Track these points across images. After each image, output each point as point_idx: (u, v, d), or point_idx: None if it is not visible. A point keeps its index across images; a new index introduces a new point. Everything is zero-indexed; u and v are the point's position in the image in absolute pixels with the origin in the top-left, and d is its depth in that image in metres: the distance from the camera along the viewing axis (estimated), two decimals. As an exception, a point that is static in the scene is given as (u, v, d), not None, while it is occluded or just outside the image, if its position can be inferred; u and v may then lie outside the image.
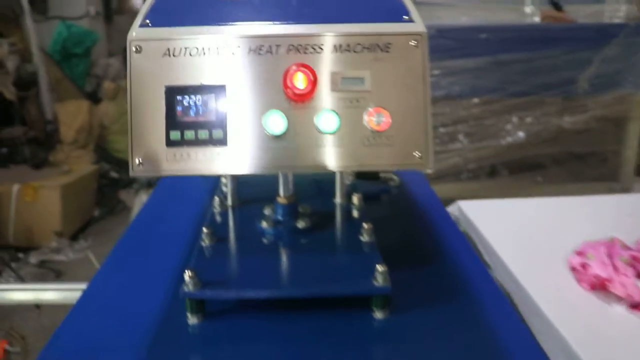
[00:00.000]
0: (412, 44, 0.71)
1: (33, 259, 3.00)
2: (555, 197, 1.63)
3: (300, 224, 0.89)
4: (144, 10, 0.76)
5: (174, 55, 0.70)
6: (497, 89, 2.50)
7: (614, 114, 2.59)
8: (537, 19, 2.51)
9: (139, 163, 0.70)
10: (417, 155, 0.71)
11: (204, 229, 0.85)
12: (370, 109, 0.70)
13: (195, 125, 0.70)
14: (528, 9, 2.49)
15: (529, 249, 1.32)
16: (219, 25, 0.71)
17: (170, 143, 0.70)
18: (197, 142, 0.70)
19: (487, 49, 2.41)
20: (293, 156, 0.70)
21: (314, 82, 0.68)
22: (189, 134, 0.70)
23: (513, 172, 2.75)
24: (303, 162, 0.70)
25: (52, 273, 2.91)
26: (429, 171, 0.71)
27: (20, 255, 3.05)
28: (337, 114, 0.70)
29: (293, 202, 0.91)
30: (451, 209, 1.59)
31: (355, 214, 0.96)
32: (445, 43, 2.42)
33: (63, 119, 3.84)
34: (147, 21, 0.73)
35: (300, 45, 0.70)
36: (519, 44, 2.41)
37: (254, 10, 0.76)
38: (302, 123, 0.70)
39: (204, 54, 0.70)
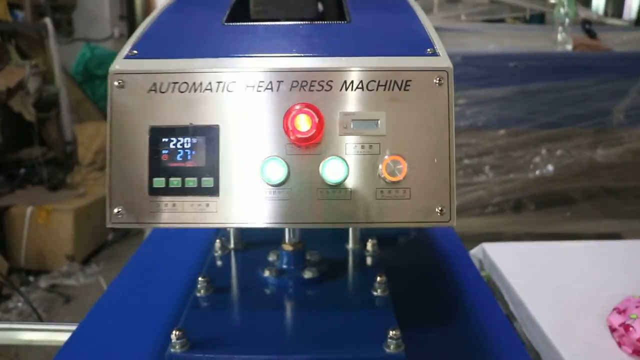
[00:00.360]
0: (436, 81, 0.61)
1: (43, 282, 2.94)
2: (591, 241, 1.50)
3: (307, 274, 0.81)
4: (133, 37, 0.68)
5: (161, 92, 0.61)
6: (525, 119, 2.39)
7: (650, 148, 2.47)
8: (569, 47, 2.40)
9: (118, 212, 0.61)
10: (438, 211, 0.61)
11: (200, 278, 0.78)
12: (385, 157, 0.60)
13: (183, 172, 0.61)
14: (560, 37, 2.39)
15: (561, 301, 1.20)
16: (213, 57, 0.63)
17: (153, 191, 0.61)
18: (184, 191, 0.61)
19: (515, 78, 2.31)
20: (293, 209, 0.61)
21: (319, 125, 0.59)
22: (175, 182, 0.61)
23: (540, 206, 2.63)
24: (305, 216, 0.61)
25: (61, 298, 2.85)
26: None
27: (31, 278, 3.00)
28: (345, 161, 0.60)
29: (300, 249, 0.83)
30: (475, 252, 1.48)
31: (369, 261, 0.88)
32: (471, 71, 2.32)
33: (82, 141, 3.82)
34: (135, 51, 0.64)
35: (306, 81, 0.61)
36: (550, 73, 2.30)
37: (254, 40, 0.67)
38: (305, 171, 0.61)
39: (195, 90, 0.61)
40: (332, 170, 0.60)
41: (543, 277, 1.31)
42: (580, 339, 1.06)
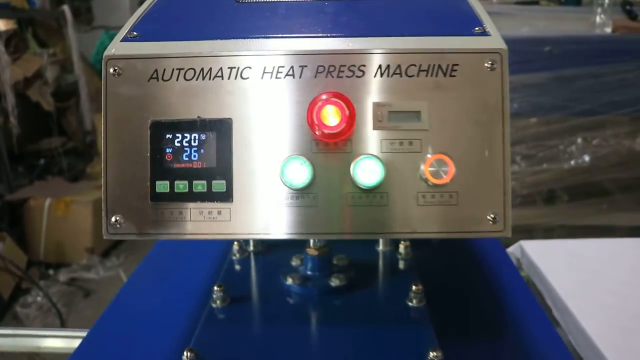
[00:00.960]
0: (487, 65, 0.52)
1: (62, 276, 2.90)
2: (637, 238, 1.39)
3: (334, 281, 0.74)
4: (134, 18, 0.59)
5: (163, 80, 0.53)
6: (561, 107, 2.26)
7: (692, 136, 2.33)
8: (608, 30, 2.26)
9: (116, 221, 0.53)
10: (490, 219, 0.52)
11: (216, 288, 0.71)
12: (428, 155, 0.51)
13: (190, 174, 0.53)
14: (598, 19, 2.25)
15: (607, 305, 1.10)
16: (225, 39, 0.54)
17: (156, 197, 0.53)
18: (191, 197, 0.53)
19: (550, 63, 2.18)
20: (320, 218, 0.53)
21: (350, 118, 0.50)
22: (181, 186, 0.53)
23: (574, 198, 2.49)
24: (333, 226, 0.53)
25: (81, 292, 2.81)
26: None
27: (51, 272, 2.96)
28: (380, 161, 0.51)
29: (325, 253, 0.75)
30: (512, 250, 1.38)
31: (401, 265, 0.81)
32: (503, 56, 2.19)
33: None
34: (134, 33, 0.56)
35: (333, 66, 0.52)
36: (587, 58, 2.16)
37: (272, 19, 0.58)
38: (334, 173, 0.52)
39: (204, 77, 0.53)
40: (365, 172, 0.51)
41: (588, 279, 1.21)
42: (630, 347, 0.96)
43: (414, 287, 0.70)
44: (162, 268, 0.95)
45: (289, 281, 0.74)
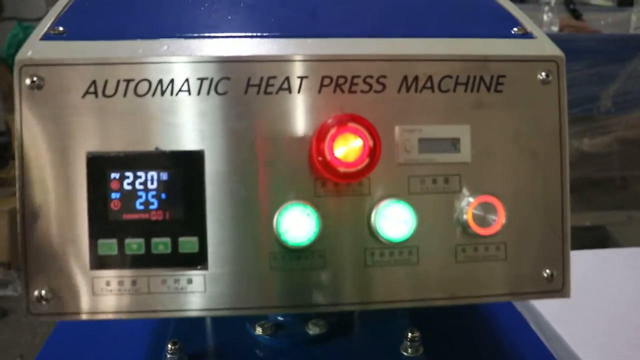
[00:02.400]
0: (541, 77, 0.40)
1: (-26, 294, 2.62)
2: (630, 248, 1.34)
3: (313, 329, 0.62)
4: (58, 7, 0.43)
5: (105, 95, 0.37)
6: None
7: (640, 136, 2.36)
8: (554, 29, 2.24)
9: (40, 297, 0.37)
10: (546, 276, 0.40)
11: (169, 346, 0.57)
12: (469, 198, 0.38)
13: (147, 229, 0.38)
14: (545, 17, 2.22)
15: (600, 330, 1.02)
16: (192, 38, 0.39)
17: (98, 262, 0.38)
18: (150, 261, 0.38)
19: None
20: (329, 284, 0.40)
21: (374, 151, 0.36)
22: (135, 245, 0.38)
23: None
24: (347, 294, 0.40)
25: (-4, 311, 2.54)
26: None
27: (-40, 289, 2.67)
28: (412, 207, 0.38)
29: None
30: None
31: None
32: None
33: (17, 131, 3.47)
34: (61, 28, 0.40)
35: (344, 77, 0.38)
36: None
37: (256, 12, 0.44)
38: (347, 224, 0.39)
39: (163, 92, 0.37)
40: (391, 222, 0.38)
41: (576, 299, 1.12)
42: None
43: (409, 334, 0.59)
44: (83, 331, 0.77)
45: (258, 331, 0.61)
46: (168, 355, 0.56)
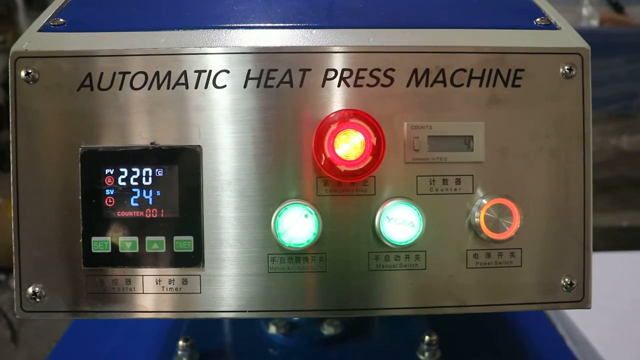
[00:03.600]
0: (564, 71, 0.37)
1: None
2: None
3: (327, 330, 0.63)
4: (58, 2, 0.42)
5: (100, 88, 0.36)
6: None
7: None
8: (594, 23, 2.17)
9: (34, 294, 0.37)
10: (564, 284, 0.38)
11: (181, 342, 0.58)
12: (483, 200, 0.36)
13: (142, 227, 0.38)
14: (585, 11, 2.16)
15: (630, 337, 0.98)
16: (191, 29, 0.37)
17: (92, 260, 0.38)
18: (144, 260, 0.38)
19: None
20: (330, 288, 0.39)
21: (378, 148, 0.34)
22: (129, 244, 0.37)
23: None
24: (348, 299, 0.39)
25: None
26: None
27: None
28: (417, 208, 0.35)
29: None
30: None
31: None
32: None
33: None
34: (61, 19, 0.39)
35: (349, 70, 0.37)
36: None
37: (257, 3, 0.42)
38: (350, 226, 0.38)
39: (160, 85, 0.37)
40: (396, 224, 0.36)
41: (606, 305, 1.09)
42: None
43: (427, 337, 0.59)
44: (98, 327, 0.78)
45: (272, 330, 0.63)
46: (179, 352, 0.58)
